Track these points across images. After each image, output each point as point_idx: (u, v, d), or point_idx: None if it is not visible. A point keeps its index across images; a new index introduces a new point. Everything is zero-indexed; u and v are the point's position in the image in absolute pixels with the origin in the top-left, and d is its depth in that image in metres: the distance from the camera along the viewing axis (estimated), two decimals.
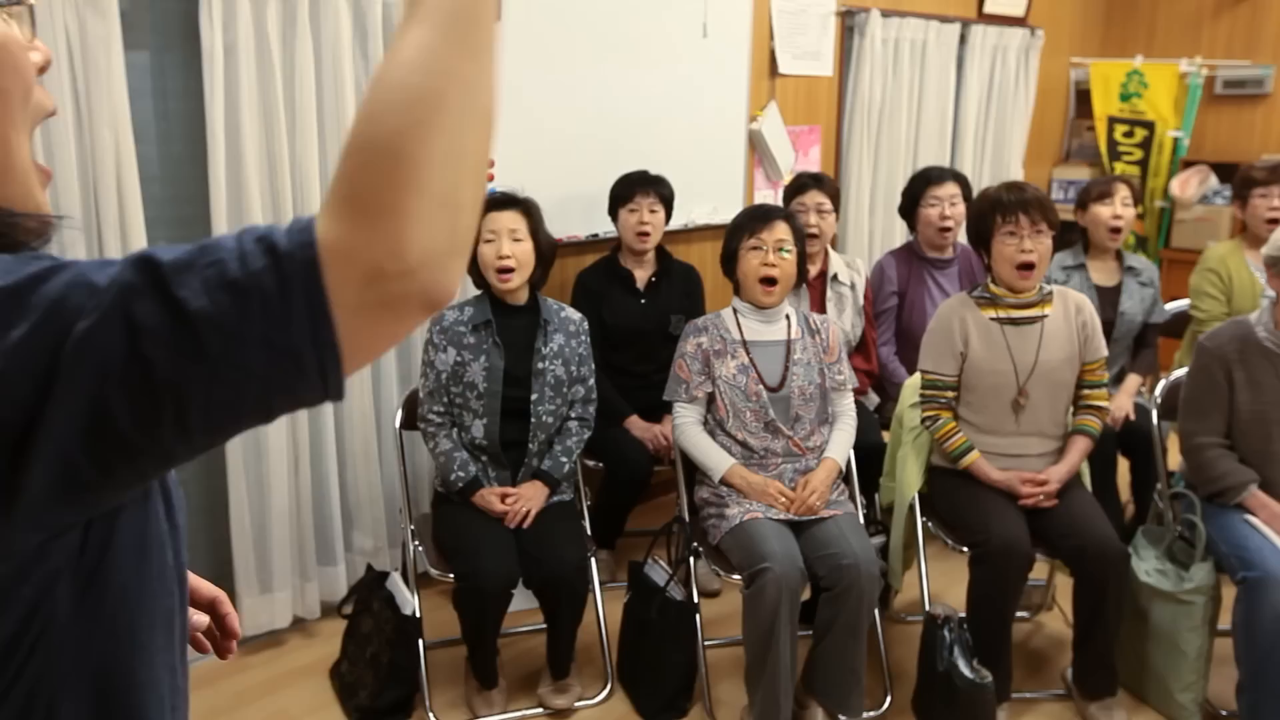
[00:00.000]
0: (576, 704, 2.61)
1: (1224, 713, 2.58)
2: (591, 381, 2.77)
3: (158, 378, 0.59)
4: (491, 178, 3.28)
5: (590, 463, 3.07)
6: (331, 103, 2.79)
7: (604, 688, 2.68)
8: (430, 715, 2.54)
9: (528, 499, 2.58)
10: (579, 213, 3.44)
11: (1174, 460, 2.81)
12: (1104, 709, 2.55)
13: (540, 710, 2.60)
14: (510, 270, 2.57)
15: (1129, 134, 5.11)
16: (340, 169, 0.62)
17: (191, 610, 1.01)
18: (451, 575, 2.48)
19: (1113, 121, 5.17)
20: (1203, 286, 3.41)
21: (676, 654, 2.58)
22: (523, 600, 2.71)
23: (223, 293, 0.59)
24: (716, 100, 3.85)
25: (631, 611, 2.67)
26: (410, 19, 0.64)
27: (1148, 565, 2.61)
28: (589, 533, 2.75)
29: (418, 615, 2.56)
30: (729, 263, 2.72)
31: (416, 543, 2.65)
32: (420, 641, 2.57)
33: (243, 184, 2.65)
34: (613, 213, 3.27)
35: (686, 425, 2.69)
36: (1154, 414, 2.93)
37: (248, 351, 0.60)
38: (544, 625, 2.62)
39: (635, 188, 3.19)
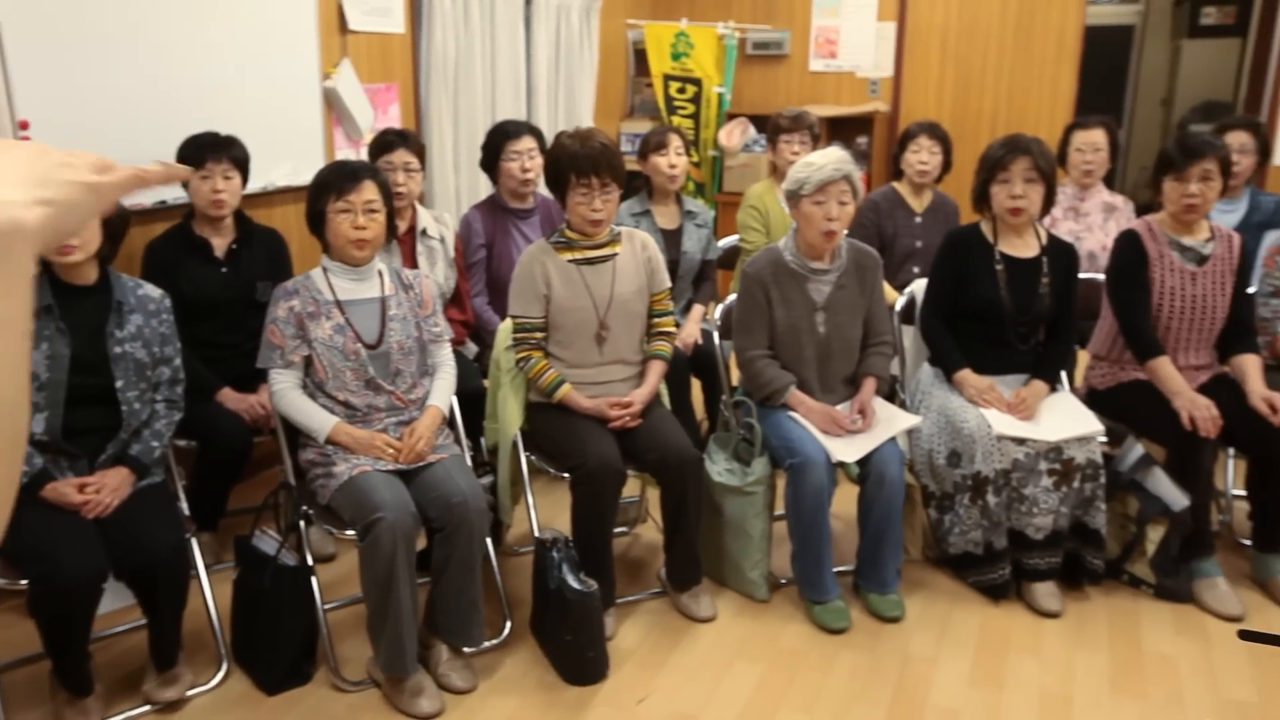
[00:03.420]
0: (188, 693, 2.47)
1: (783, 580, 3.04)
2: (178, 361, 2.61)
3: None
4: (27, 139, 2.92)
5: (181, 442, 2.88)
6: None
7: (218, 670, 2.57)
8: None
9: (111, 488, 2.39)
10: None
11: (736, 375, 3.23)
12: (692, 597, 2.90)
13: (147, 708, 2.44)
14: (71, 246, 2.33)
15: (682, 90, 5.65)
16: None
17: None
18: (24, 581, 2.23)
19: (667, 79, 5.69)
20: (747, 222, 3.91)
21: (294, 621, 2.53)
22: (115, 599, 2.50)
23: None
24: (286, 58, 3.70)
25: (242, 586, 2.58)
26: None
27: (719, 467, 2.99)
28: (186, 514, 2.60)
29: None
30: (316, 222, 2.66)
31: None
32: None
33: None
34: None
35: (284, 390, 2.62)
36: (715, 336, 3.34)
37: None
38: (144, 620, 2.45)
39: (205, 152, 3.00)
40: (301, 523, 2.60)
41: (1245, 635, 1.26)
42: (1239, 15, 7.93)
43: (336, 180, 2.63)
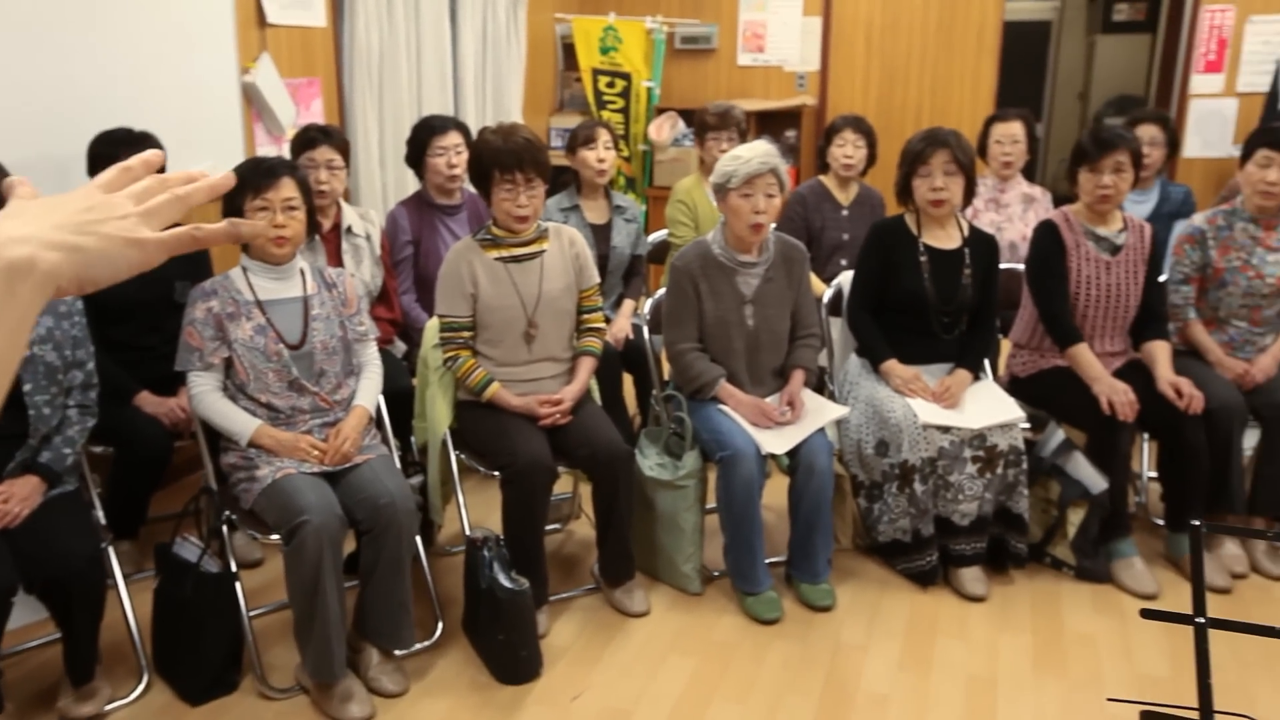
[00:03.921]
0: (107, 707, 2.40)
1: (716, 573, 3.06)
2: (90, 365, 2.52)
3: None
4: None
5: (98, 448, 2.79)
6: None
7: (139, 683, 2.50)
8: None
9: (20, 497, 2.30)
10: (51, 175, 3.05)
11: (668, 370, 3.23)
12: (626, 592, 2.90)
13: None
14: None
15: (611, 84, 5.64)
16: None
17: None
18: None
19: (596, 73, 5.67)
20: (676, 216, 3.92)
21: (218, 628, 2.47)
22: (26, 613, 2.42)
23: None
24: (204, 52, 3.60)
25: (163, 594, 2.51)
26: None
27: (650, 461, 2.99)
28: (103, 522, 2.52)
29: None
30: None
31: None
32: None
33: None
34: (92, 174, 2.95)
35: (204, 393, 2.55)
36: (645, 331, 3.34)
37: None
38: (58, 635, 2.37)
39: (120, 148, 2.89)
40: (224, 528, 2.54)
41: (1146, 614, 1.30)
42: (1149, 12, 8.18)
43: (253, 177, 2.56)
